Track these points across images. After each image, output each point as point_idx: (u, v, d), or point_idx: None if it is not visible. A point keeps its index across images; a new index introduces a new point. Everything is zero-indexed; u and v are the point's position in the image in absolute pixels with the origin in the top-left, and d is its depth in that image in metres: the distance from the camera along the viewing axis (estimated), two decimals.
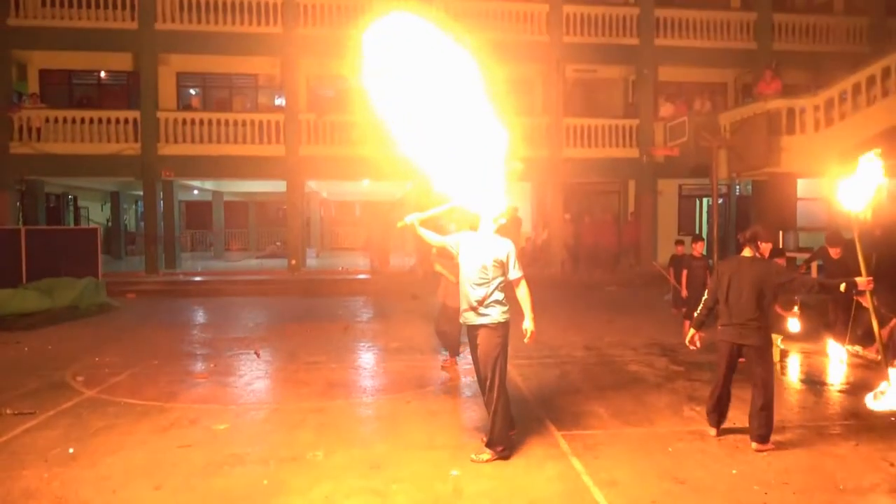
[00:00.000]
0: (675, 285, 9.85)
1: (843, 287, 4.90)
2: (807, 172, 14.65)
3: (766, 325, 4.96)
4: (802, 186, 16.13)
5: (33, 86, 18.02)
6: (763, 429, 4.85)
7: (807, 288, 5.21)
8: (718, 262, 9.40)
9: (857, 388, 6.54)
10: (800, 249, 13.29)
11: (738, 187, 19.81)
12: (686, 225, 19.93)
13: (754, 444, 4.86)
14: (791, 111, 14.01)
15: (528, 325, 4.73)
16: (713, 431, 5.13)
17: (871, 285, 4.80)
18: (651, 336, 9.44)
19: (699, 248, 9.52)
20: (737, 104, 17.68)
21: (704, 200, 20.01)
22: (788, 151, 13.92)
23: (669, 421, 5.59)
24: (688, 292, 9.34)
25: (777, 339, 7.51)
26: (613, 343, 8.98)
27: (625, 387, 6.71)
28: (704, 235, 19.84)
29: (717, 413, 5.13)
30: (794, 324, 7.46)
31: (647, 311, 11.76)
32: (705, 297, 5.29)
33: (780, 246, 12.83)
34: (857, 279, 4.81)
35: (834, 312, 8.33)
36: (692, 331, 5.24)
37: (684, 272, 9.42)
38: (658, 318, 10.77)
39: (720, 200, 18.98)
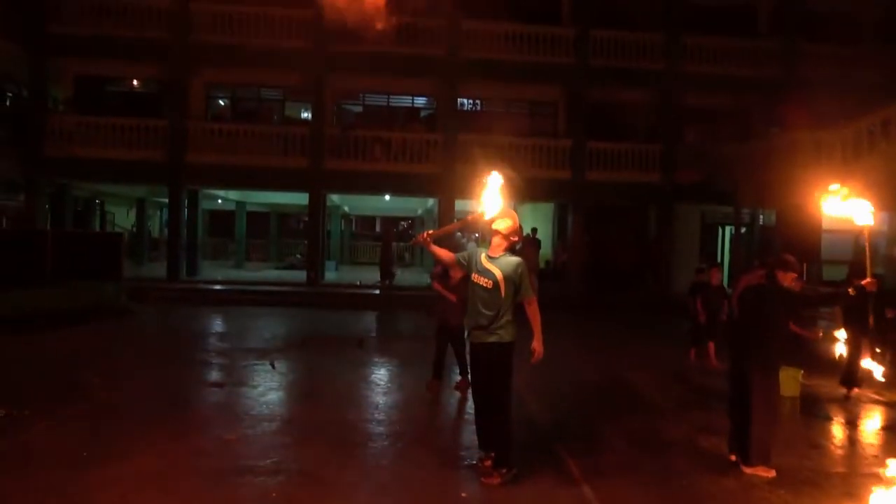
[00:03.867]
0: (693, 314, 9.75)
1: (851, 291, 4.86)
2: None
3: (764, 350, 4.92)
4: (827, 218, 15.89)
5: (68, 91, 18.44)
6: (749, 450, 4.88)
7: (813, 302, 5.19)
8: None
9: (882, 430, 6.40)
10: (823, 282, 13.07)
11: (761, 216, 19.60)
12: (708, 252, 19.73)
13: (742, 466, 4.95)
14: (818, 142, 13.85)
15: (535, 345, 4.71)
16: (732, 457, 5.08)
17: (875, 286, 4.77)
18: (668, 363, 9.33)
19: (717, 276, 9.50)
20: (762, 132, 17.53)
21: (727, 228, 19.83)
22: (814, 182, 13.74)
23: (684, 451, 5.50)
24: (704, 320, 9.35)
25: (798, 374, 7.38)
26: (629, 368, 8.88)
27: (640, 414, 6.62)
28: (727, 264, 19.66)
29: (734, 440, 5.09)
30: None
31: (665, 337, 11.62)
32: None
33: (805, 278, 12.65)
34: (863, 281, 4.78)
35: (853, 332, 7.97)
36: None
37: (700, 299, 9.42)
38: (675, 344, 10.63)
39: (743, 229, 18.81)
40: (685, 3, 18.50)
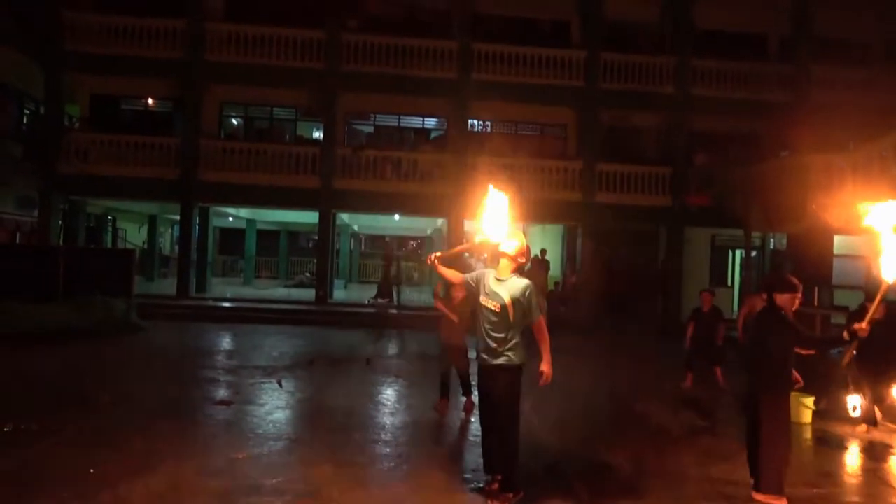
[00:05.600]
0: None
1: (846, 335, 4.67)
2: (843, 229, 14.37)
3: (769, 375, 4.80)
4: (839, 243, 15.81)
5: (84, 109, 18.71)
6: (759, 477, 4.79)
7: (810, 344, 4.95)
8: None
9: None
10: (835, 307, 12.95)
11: (772, 240, 19.50)
12: (718, 276, 19.63)
13: (753, 492, 4.85)
14: (828, 166, 13.81)
15: (544, 368, 4.68)
16: (753, 480, 5.00)
17: (867, 333, 4.55)
18: (677, 388, 9.25)
19: (708, 301, 9.39)
20: (772, 156, 17.51)
21: (737, 252, 19.73)
22: (825, 206, 13.70)
23: (694, 478, 5.42)
24: (691, 346, 9.35)
25: (808, 401, 7.29)
26: (638, 392, 8.80)
27: (649, 439, 6.56)
28: (737, 287, 19.54)
29: (751, 466, 5.03)
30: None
31: (674, 362, 11.50)
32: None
33: (816, 303, 12.53)
34: (856, 325, 4.53)
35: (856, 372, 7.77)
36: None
37: (691, 325, 9.35)
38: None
39: (753, 253, 18.71)
40: (695, 28, 18.61)
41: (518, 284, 4.68)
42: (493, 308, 4.67)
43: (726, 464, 5.59)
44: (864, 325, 4.49)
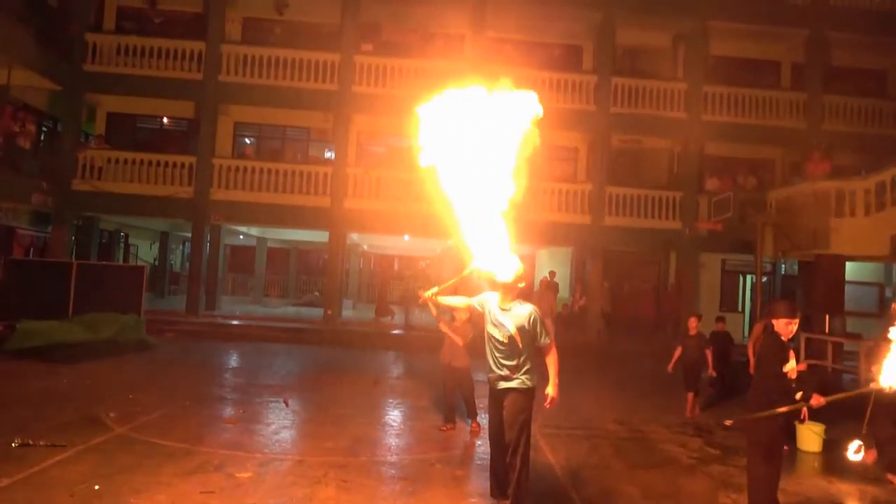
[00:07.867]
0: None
1: (799, 395, 4.42)
2: (856, 255, 14.29)
3: (758, 402, 4.56)
4: (851, 269, 15.68)
5: (100, 127, 18.99)
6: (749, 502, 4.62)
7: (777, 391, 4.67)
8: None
9: None
10: (847, 335, 12.81)
11: (783, 266, 19.38)
12: (728, 301, 19.51)
13: None
14: (840, 193, 13.77)
15: (550, 390, 4.65)
16: None
17: (820, 404, 4.33)
18: (683, 415, 9.15)
19: (694, 325, 9.29)
20: (784, 182, 17.48)
21: (748, 277, 19.62)
22: (837, 233, 13.64)
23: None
24: (673, 370, 9.24)
25: (818, 429, 7.17)
26: (647, 419, 8.72)
27: (657, 466, 6.48)
28: (748, 313, 19.39)
29: None
30: None
31: (683, 387, 11.41)
32: None
33: (828, 330, 12.39)
34: (815, 395, 4.30)
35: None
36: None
37: (678, 349, 9.25)
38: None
39: (765, 279, 18.59)
40: (707, 54, 18.71)
41: (522, 312, 4.67)
42: (500, 338, 4.67)
43: (735, 493, 5.50)
44: (822, 400, 4.31)
